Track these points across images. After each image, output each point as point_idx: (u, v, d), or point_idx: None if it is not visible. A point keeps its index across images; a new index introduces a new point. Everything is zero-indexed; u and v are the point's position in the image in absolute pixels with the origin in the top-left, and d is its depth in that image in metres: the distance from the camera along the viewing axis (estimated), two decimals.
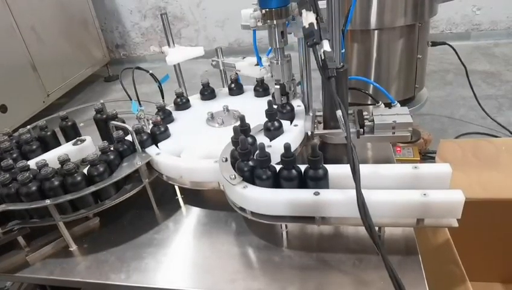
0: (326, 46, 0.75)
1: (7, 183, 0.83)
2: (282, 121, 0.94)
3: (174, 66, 1.26)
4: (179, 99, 1.16)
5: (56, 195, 0.82)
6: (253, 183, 0.75)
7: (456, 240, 0.95)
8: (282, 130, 0.92)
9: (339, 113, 0.73)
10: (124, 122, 1.05)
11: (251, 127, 0.87)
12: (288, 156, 0.72)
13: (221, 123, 1.04)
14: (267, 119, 0.92)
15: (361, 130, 0.90)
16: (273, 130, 0.91)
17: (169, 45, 1.23)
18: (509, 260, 1.20)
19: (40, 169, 0.82)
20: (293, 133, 0.92)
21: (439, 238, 0.99)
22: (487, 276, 1.24)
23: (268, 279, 0.73)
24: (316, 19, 0.76)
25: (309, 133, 0.95)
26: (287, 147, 0.71)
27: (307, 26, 0.76)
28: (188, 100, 1.18)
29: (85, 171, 0.88)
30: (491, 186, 1.09)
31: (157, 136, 0.98)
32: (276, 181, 0.75)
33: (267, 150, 0.74)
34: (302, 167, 0.75)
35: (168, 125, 1.03)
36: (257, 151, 0.74)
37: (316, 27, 0.75)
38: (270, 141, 0.90)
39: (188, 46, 1.27)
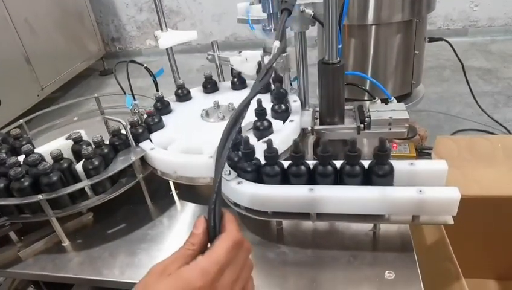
0: None
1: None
2: (278, 121, 0.93)
3: (170, 60, 1.24)
4: (179, 91, 1.16)
5: (50, 190, 0.80)
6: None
7: (451, 237, 0.95)
8: (271, 130, 0.91)
9: None
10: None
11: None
12: (271, 152, 0.71)
13: (220, 118, 1.02)
14: (256, 118, 0.90)
15: (362, 125, 0.90)
16: (262, 130, 0.89)
17: (161, 29, 1.21)
18: (504, 257, 1.20)
19: (37, 164, 0.81)
20: (288, 129, 0.92)
21: (434, 235, 0.99)
22: (482, 273, 1.25)
23: (262, 275, 0.72)
24: None
25: (309, 128, 0.94)
26: (269, 143, 0.70)
27: None
28: (188, 92, 1.17)
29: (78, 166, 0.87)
30: (487, 183, 1.09)
31: (151, 127, 0.97)
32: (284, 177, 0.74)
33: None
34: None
35: (166, 117, 1.03)
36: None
37: None
38: (258, 140, 0.88)
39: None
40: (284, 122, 0.94)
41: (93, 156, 0.85)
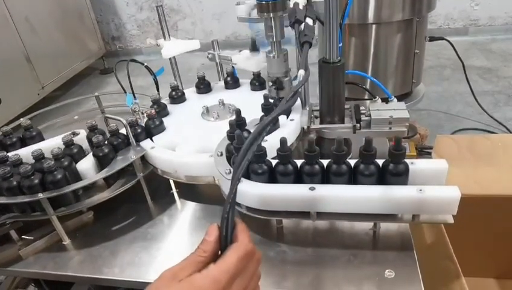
0: (308, 22, 0.77)
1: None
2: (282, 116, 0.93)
3: (170, 58, 1.24)
4: (174, 93, 1.15)
5: (51, 189, 0.81)
6: (249, 178, 0.75)
7: (451, 236, 0.95)
8: (278, 124, 0.91)
9: None
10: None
11: (247, 121, 0.86)
12: (284, 151, 0.71)
13: (216, 117, 1.03)
14: (263, 113, 0.91)
15: (358, 125, 0.90)
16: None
17: (164, 38, 1.22)
18: (503, 256, 1.20)
19: (38, 162, 0.81)
20: (289, 128, 0.92)
21: (434, 234, 0.99)
22: (481, 272, 1.25)
23: (263, 274, 0.71)
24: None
25: (305, 128, 0.94)
26: (283, 141, 0.71)
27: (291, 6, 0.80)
28: (183, 93, 1.17)
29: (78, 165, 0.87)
30: (487, 182, 1.09)
31: (151, 129, 0.97)
32: (272, 176, 0.74)
33: (262, 144, 0.74)
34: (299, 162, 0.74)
35: (163, 119, 1.02)
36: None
37: (301, 7, 0.77)
38: (266, 135, 0.89)
39: (185, 39, 1.26)
40: (287, 117, 0.95)
41: (103, 144, 0.86)
